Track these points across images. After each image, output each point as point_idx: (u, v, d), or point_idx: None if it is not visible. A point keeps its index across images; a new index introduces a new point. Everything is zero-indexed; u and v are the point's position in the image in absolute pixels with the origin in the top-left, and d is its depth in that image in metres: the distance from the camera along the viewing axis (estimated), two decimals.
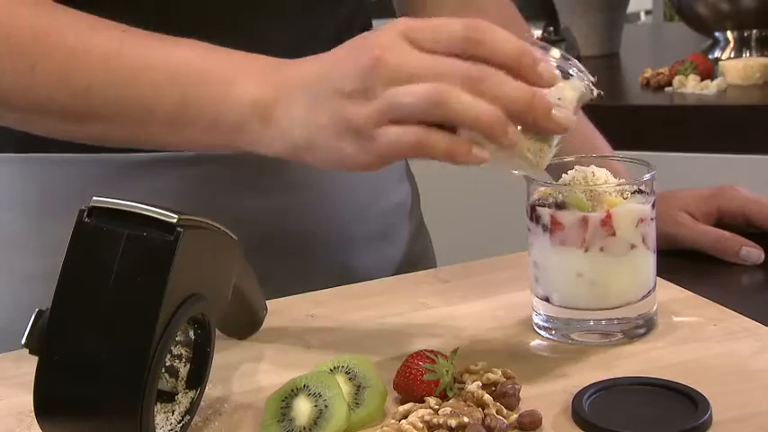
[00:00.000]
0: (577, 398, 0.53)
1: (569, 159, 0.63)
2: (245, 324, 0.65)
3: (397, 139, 0.52)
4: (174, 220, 0.48)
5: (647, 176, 0.61)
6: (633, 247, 0.60)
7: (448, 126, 0.52)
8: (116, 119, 0.58)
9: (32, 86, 0.58)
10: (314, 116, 0.54)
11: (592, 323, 0.61)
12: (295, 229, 0.75)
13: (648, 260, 0.61)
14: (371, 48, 0.52)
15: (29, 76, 0.58)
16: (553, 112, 0.52)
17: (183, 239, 0.48)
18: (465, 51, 0.52)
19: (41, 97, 0.58)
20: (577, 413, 0.51)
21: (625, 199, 0.60)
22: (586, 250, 0.59)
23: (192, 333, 0.53)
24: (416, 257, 0.84)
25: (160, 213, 0.48)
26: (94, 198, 0.49)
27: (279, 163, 0.56)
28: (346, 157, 0.54)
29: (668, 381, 0.53)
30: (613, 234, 0.59)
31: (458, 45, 0.52)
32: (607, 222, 0.59)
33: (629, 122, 1.34)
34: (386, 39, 0.52)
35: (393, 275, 0.77)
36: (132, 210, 0.48)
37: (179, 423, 0.52)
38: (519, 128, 0.52)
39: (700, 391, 0.52)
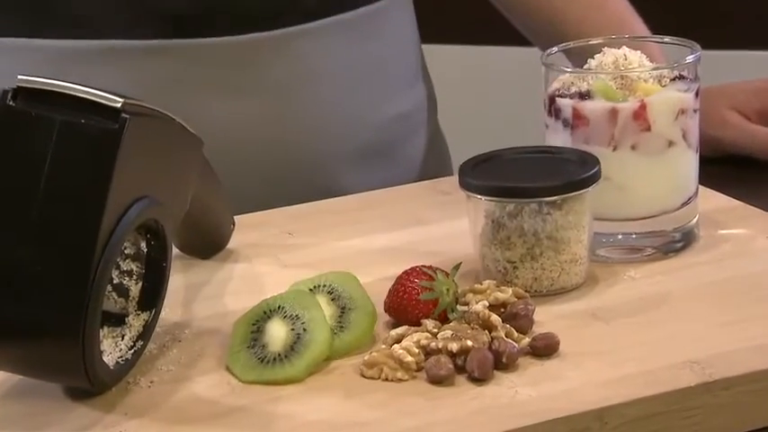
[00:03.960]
0: None
1: (597, 41, 0.62)
2: (209, 241, 0.64)
3: None
4: (119, 105, 0.46)
5: (690, 58, 0.59)
6: (671, 144, 0.59)
7: None
8: None
9: None
10: None
11: (620, 237, 0.60)
12: (272, 138, 0.73)
13: (690, 160, 0.60)
14: None
15: None
16: None
17: (130, 128, 0.46)
18: None
19: None
20: None
21: (663, 86, 0.59)
22: (615, 149, 0.58)
23: (143, 245, 0.52)
24: (429, 177, 0.80)
25: (101, 97, 0.47)
26: (20, 77, 0.47)
27: (256, 58, 0.53)
28: None
29: None
30: (648, 129, 0.58)
31: None
32: (641, 114, 0.57)
33: (670, 10, 1.30)
34: None
35: None
36: (67, 91, 0.47)
37: (130, 349, 0.51)
38: None
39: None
